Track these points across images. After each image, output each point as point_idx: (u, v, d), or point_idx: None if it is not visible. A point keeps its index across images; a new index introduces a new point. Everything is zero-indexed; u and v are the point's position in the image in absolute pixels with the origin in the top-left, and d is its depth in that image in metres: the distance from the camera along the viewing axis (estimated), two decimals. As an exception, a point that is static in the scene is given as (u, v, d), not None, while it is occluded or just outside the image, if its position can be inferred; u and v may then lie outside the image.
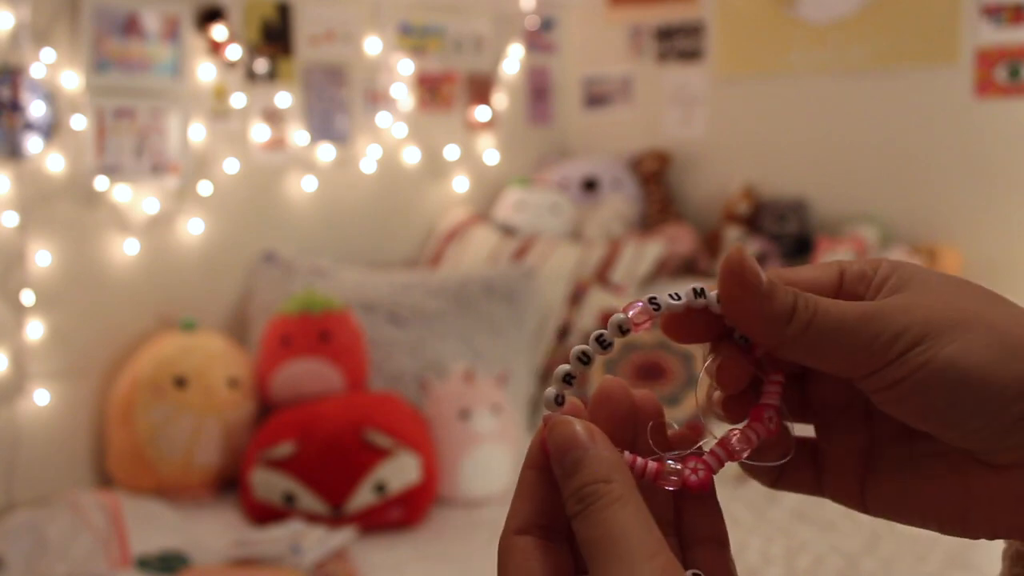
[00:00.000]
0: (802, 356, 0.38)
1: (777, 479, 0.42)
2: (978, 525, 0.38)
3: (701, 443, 0.40)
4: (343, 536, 2.06)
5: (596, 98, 3.60)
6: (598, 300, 2.83)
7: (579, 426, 0.36)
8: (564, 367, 0.38)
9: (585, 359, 0.38)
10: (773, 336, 0.37)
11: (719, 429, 0.41)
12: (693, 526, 0.39)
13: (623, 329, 0.38)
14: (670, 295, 0.38)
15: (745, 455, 0.39)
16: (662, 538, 0.34)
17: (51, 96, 2.30)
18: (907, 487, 0.39)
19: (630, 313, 0.38)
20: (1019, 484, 0.36)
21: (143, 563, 1.96)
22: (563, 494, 0.36)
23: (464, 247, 3.08)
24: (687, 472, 0.38)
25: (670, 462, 0.38)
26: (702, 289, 0.38)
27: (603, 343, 0.38)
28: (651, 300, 0.38)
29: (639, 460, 0.37)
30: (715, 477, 0.39)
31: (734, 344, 0.40)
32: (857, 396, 0.40)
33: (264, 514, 2.22)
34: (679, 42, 3.41)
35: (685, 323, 0.40)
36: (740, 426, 0.40)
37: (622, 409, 0.39)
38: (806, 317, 0.37)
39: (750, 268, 0.37)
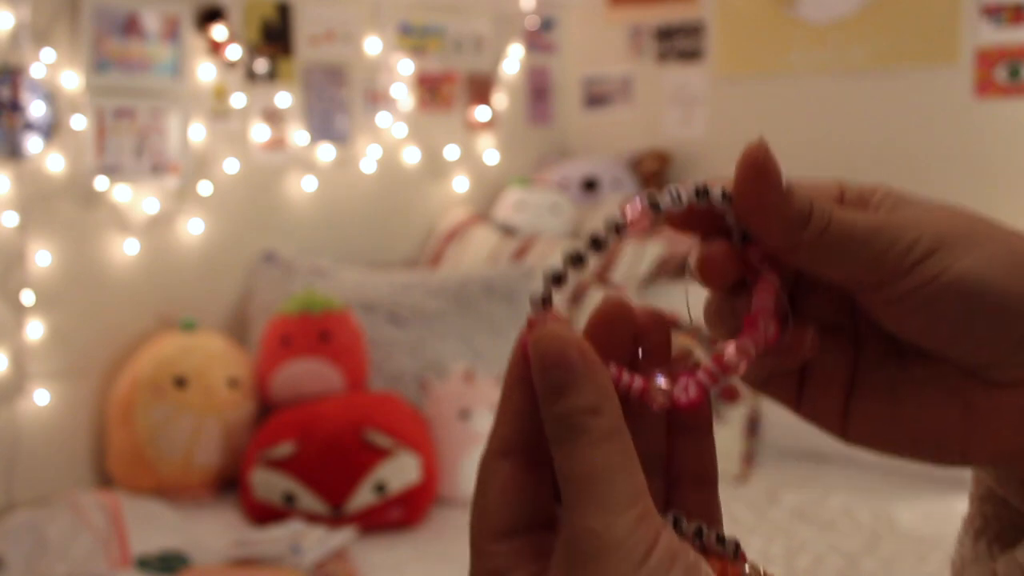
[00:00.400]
0: (813, 263, 0.36)
1: (765, 381, 0.39)
2: (979, 449, 0.37)
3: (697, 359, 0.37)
4: (343, 536, 2.06)
5: (596, 98, 3.60)
6: (598, 300, 2.83)
7: (569, 341, 0.33)
8: (555, 267, 0.35)
9: (578, 260, 0.35)
10: (787, 238, 0.36)
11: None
12: (682, 461, 0.37)
13: (619, 228, 0.35)
14: (670, 193, 0.36)
15: (742, 369, 0.36)
16: (644, 483, 0.32)
17: (51, 96, 2.30)
18: (899, 413, 0.38)
19: (628, 214, 0.35)
20: None
21: (143, 563, 1.96)
22: (543, 413, 0.33)
23: (464, 247, 3.08)
24: (677, 391, 0.35)
25: (660, 379, 0.35)
26: (706, 188, 0.36)
27: (597, 243, 0.35)
28: (650, 199, 0.35)
29: (625, 376, 0.35)
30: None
31: (724, 239, 0.37)
32: (847, 315, 0.39)
33: (264, 514, 2.22)
34: (679, 42, 3.41)
35: (685, 218, 0.38)
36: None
37: (621, 329, 0.36)
38: (822, 223, 0.35)
39: (773, 164, 0.35)
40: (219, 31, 2.56)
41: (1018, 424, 0.36)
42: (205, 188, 2.61)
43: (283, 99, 2.76)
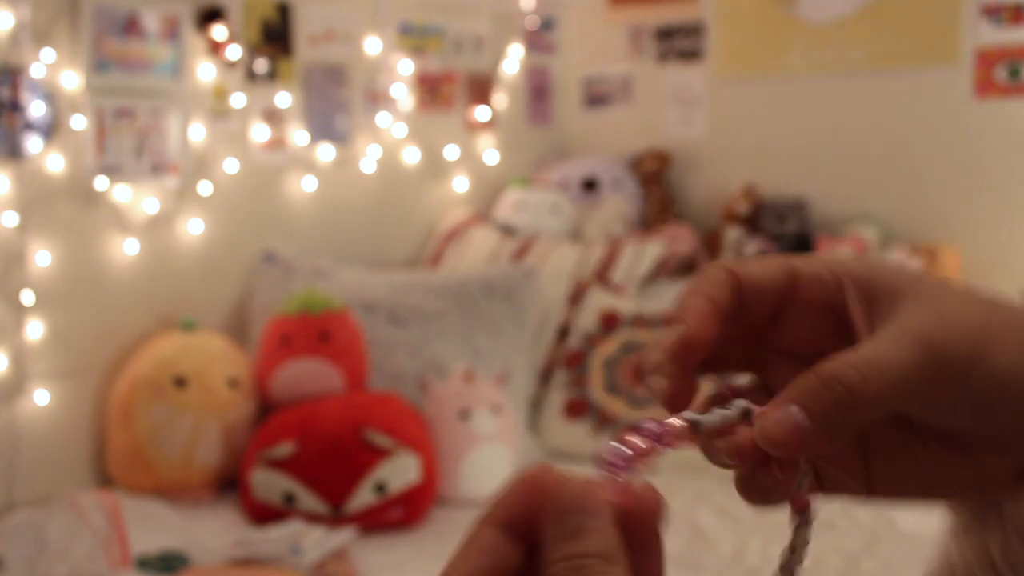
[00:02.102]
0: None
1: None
2: (973, 486, 0.39)
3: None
4: (343, 536, 2.06)
5: (596, 98, 3.60)
6: (598, 300, 2.83)
7: (596, 495, 0.33)
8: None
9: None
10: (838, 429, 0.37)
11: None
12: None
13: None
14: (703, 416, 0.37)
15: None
16: None
17: (51, 96, 2.30)
18: (918, 471, 0.39)
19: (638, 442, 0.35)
20: None
21: (143, 563, 1.96)
22: (550, 555, 0.32)
23: (464, 247, 3.08)
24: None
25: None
26: (747, 411, 0.38)
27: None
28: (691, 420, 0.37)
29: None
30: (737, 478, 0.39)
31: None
32: None
33: (264, 514, 2.22)
34: (679, 42, 3.41)
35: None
36: None
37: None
38: (848, 396, 0.36)
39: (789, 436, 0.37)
40: (219, 31, 2.56)
41: (1011, 475, 0.38)
42: (205, 188, 2.61)
43: (283, 99, 2.76)
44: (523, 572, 0.33)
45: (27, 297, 2.29)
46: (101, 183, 2.41)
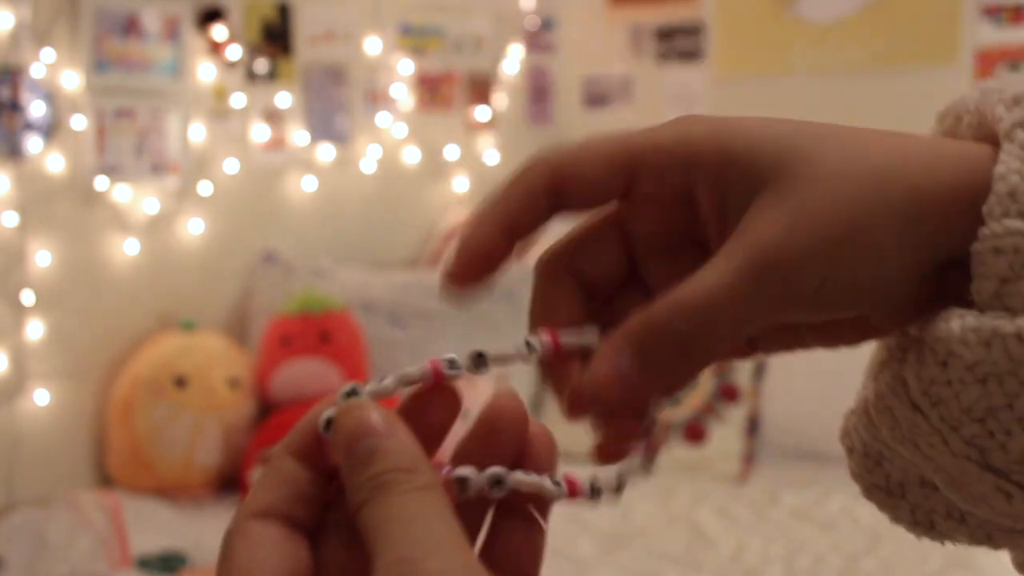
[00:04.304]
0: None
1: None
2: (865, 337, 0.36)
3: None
4: (343, 536, 2.06)
5: (596, 98, 3.60)
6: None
7: (375, 413, 0.32)
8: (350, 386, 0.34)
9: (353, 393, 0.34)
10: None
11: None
12: (505, 560, 0.34)
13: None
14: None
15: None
16: (467, 540, 0.29)
17: (51, 96, 2.30)
18: (800, 342, 0.36)
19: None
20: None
21: (143, 563, 1.96)
22: (349, 484, 0.30)
23: (464, 247, 3.08)
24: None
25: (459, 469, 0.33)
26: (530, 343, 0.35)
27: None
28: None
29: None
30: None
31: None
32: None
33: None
34: (679, 42, 3.41)
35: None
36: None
37: (508, 436, 0.35)
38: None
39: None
40: (219, 31, 2.56)
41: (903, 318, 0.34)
42: (205, 188, 2.61)
43: (283, 99, 2.76)
44: (323, 499, 0.32)
45: (27, 297, 2.29)
46: (101, 183, 2.41)
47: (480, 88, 3.27)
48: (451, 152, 3.20)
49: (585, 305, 0.36)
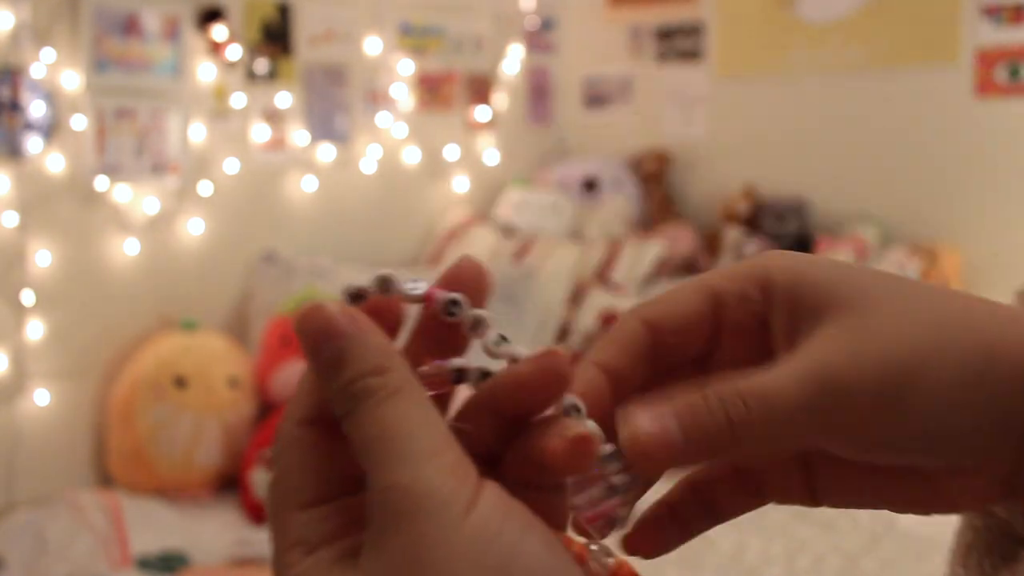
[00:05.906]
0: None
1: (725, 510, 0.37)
2: (955, 507, 0.35)
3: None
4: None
5: (596, 98, 3.60)
6: (598, 300, 2.83)
7: (339, 313, 0.30)
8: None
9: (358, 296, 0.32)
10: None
11: None
12: (514, 468, 0.32)
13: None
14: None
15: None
16: (450, 435, 0.29)
17: (51, 96, 2.30)
18: (866, 487, 0.36)
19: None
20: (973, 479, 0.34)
21: (143, 563, 1.96)
22: (327, 393, 0.30)
23: (464, 247, 3.08)
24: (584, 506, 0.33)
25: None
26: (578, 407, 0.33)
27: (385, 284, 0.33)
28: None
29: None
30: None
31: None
32: None
33: (264, 514, 2.22)
34: (679, 42, 3.41)
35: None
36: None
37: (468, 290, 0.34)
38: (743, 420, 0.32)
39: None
40: (219, 31, 2.56)
41: (987, 490, 0.34)
42: (205, 188, 2.61)
43: (283, 99, 2.76)
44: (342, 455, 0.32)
45: (27, 297, 2.29)
46: (101, 183, 2.41)
47: (480, 88, 3.27)
48: (451, 152, 3.20)
49: (639, 360, 0.36)
